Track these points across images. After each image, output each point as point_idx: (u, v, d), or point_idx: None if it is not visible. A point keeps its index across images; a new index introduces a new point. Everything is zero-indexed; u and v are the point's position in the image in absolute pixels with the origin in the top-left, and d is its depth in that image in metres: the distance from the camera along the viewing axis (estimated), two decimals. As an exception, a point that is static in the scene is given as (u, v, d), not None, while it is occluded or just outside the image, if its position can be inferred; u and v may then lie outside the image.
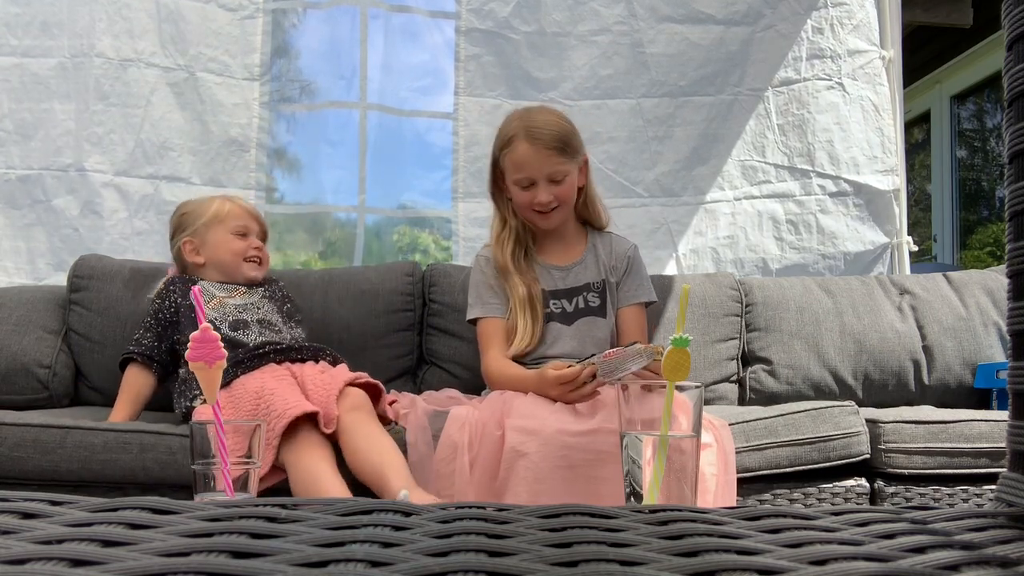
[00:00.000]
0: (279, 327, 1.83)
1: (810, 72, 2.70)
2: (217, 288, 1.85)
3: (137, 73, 2.51)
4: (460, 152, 2.68)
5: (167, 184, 2.52)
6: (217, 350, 0.91)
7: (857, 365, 2.17)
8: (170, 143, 2.53)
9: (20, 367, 1.98)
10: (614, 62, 2.69)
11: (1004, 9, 0.52)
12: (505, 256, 1.69)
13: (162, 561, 0.35)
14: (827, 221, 2.69)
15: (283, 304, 1.94)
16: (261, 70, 2.60)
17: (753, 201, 2.72)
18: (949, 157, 5.24)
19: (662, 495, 0.84)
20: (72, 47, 2.48)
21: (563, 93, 2.69)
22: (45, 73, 2.47)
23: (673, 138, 2.70)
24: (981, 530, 0.44)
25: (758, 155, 2.72)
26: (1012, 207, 0.51)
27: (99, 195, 2.47)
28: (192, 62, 2.54)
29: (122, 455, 1.50)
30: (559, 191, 1.65)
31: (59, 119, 2.47)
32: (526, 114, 1.68)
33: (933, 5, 4.40)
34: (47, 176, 2.46)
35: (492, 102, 2.68)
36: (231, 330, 1.75)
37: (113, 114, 2.49)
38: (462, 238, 2.68)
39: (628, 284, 1.76)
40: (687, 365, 0.87)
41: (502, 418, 1.42)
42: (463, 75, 2.68)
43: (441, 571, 0.35)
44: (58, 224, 2.47)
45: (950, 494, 1.70)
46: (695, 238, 2.72)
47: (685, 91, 2.70)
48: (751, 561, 0.37)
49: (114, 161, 2.49)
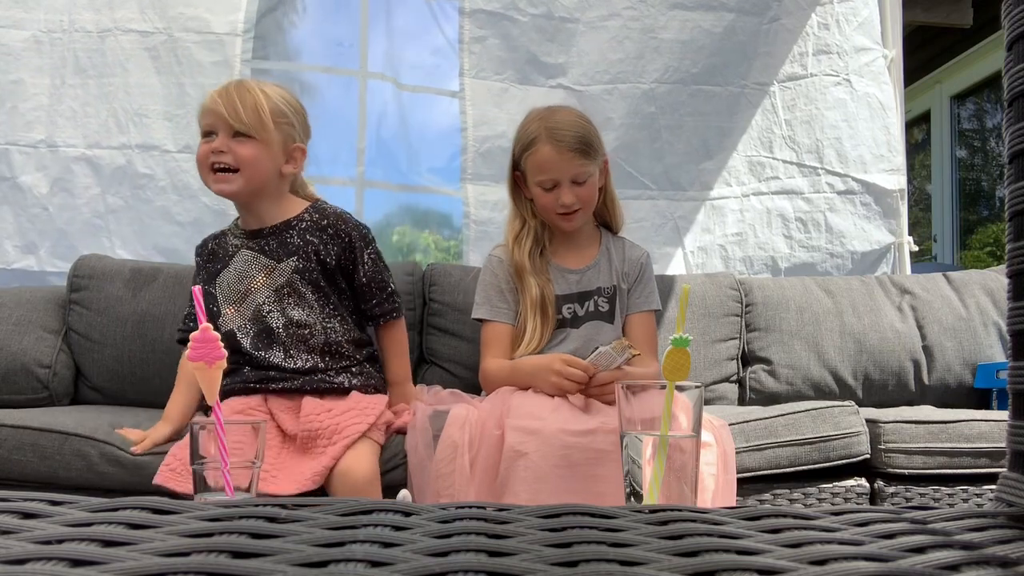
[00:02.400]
0: (313, 324, 1.56)
1: (817, 68, 2.68)
2: (243, 261, 1.57)
3: (114, 42, 2.40)
4: (469, 131, 2.59)
5: (140, 153, 2.40)
6: (217, 350, 0.90)
7: (857, 365, 2.17)
8: (144, 109, 2.41)
9: (20, 367, 1.98)
10: (624, 46, 2.64)
11: (1004, 9, 0.52)
12: (523, 255, 1.68)
13: (162, 561, 0.35)
14: (835, 220, 2.67)
15: (313, 271, 1.57)
16: (245, 27, 2.45)
17: (762, 198, 2.69)
18: (949, 157, 5.24)
19: (662, 495, 0.84)
20: (49, 21, 2.40)
21: (572, 79, 2.63)
22: (16, 45, 2.38)
23: (684, 128, 2.66)
24: (981, 530, 0.44)
25: (766, 151, 2.69)
26: (1012, 207, 0.51)
27: (70, 171, 2.38)
28: (171, 24, 2.42)
29: (118, 469, 1.50)
30: (582, 192, 1.64)
31: (30, 92, 2.39)
32: (547, 114, 1.67)
33: (933, 5, 4.40)
34: (14, 151, 2.37)
35: (499, 85, 2.61)
36: (253, 348, 1.54)
37: (90, 87, 2.40)
38: (473, 220, 2.57)
39: (639, 291, 1.75)
40: (687, 365, 0.87)
41: (502, 418, 1.42)
42: (468, 57, 2.60)
43: (441, 571, 0.35)
44: (25, 203, 2.37)
45: (950, 494, 1.70)
46: (703, 235, 2.69)
47: (696, 79, 2.65)
48: (751, 561, 0.37)
49: (86, 133, 2.38)
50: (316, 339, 1.57)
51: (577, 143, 1.61)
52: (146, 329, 2.04)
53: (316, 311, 1.58)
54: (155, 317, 2.05)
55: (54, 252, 2.40)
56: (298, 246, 1.58)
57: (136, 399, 2.02)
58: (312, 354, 1.57)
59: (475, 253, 2.56)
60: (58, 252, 2.40)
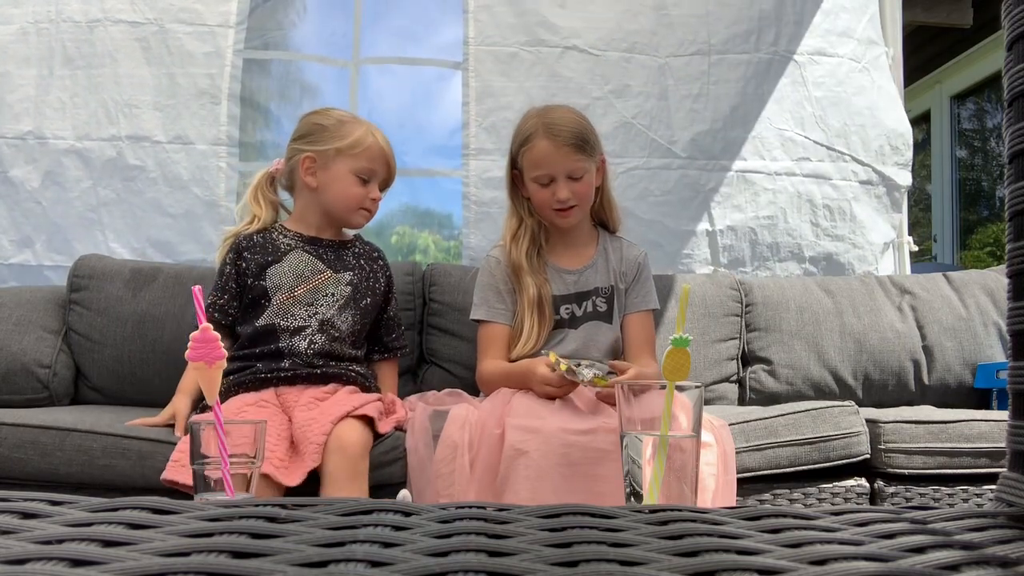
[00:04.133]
0: (337, 327, 1.66)
1: (843, 49, 2.62)
2: (300, 260, 1.66)
3: (103, 32, 2.38)
4: (471, 105, 2.48)
5: (129, 145, 2.38)
6: (217, 350, 0.91)
7: (857, 365, 2.17)
8: (134, 100, 2.39)
9: (20, 367, 1.98)
10: (639, 20, 2.56)
11: (1004, 9, 0.52)
12: (520, 254, 1.69)
13: (162, 561, 0.35)
14: (858, 210, 2.61)
15: (365, 291, 1.73)
16: (238, 18, 2.43)
17: (793, 179, 2.59)
18: (949, 157, 5.24)
19: (662, 495, 0.84)
20: (36, 13, 2.39)
21: (588, 42, 2.52)
22: (4, 39, 2.37)
23: (709, 96, 2.55)
24: (981, 530, 0.44)
25: (798, 127, 2.60)
26: (1012, 207, 0.51)
27: (60, 164, 2.36)
28: (161, 15, 2.40)
29: (121, 461, 1.50)
30: (578, 188, 1.65)
31: (17, 84, 2.37)
32: (544, 111, 1.68)
33: (933, 5, 4.40)
34: (2, 144, 2.36)
35: (508, 51, 2.49)
36: (288, 338, 1.61)
37: (78, 77, 2.38)
38: (473, 201, 2.47)
39: (636, 291, 1.76)
40: (687, 365, 0.87)
41: (502, 417, 1.42)
42: (474, 25, 2.49)
43: (441, 571, 0.35)
44: (18, 197, 2.37)
45: (950, 494, 1.70)
46: (733, 213, 2.58)
47: (718, 49, 2.55)
48: (751, 561, 0.37)
49: (75, 125, 2.37)
50: (340, 344, 1.67)
51: (573, 138, 1.62)
52: (146, 329, 2.05)
53: (353, 325, 1.70)
54: (155, 317, 2.05)
55: (50, 246, 2.40)
56: (354, 265, 1.74)
57: (136, 399, 2.02)
58: (329, 356, 1.65)
59: (476, 236, 2.48)
60: (54, 246, 2.40)
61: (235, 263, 1.67)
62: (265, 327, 1.63)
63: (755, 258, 2.60)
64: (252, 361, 1.61)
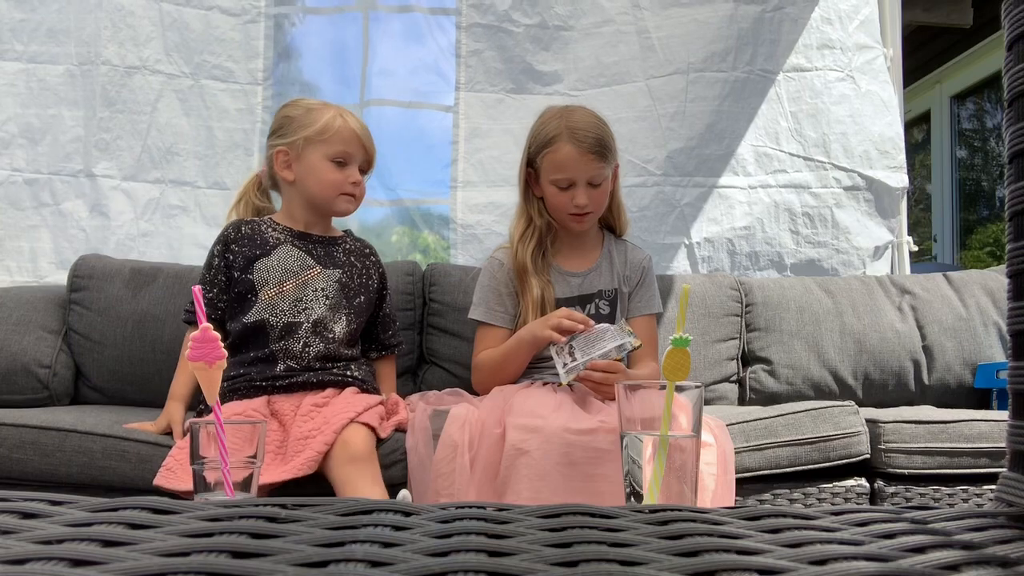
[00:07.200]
0: (331, 328, 1.63)
1: (821, 62, 2.67)
2: (288, 255, 1.63)
3: (142, 80, 2.54)
4: (460, 143, 2.67)
5: (172, 188, 2.57)
6: (217, 350, 0.90)
7: (857, 365, 2.17)
8: (176, 148, 2.57)
9: (20, 367, 1.98)
10: (619, 49, 2.65)
11: (1004, 9, 0.52)
12: (526, 255, 1.68)
13: (162, 561, 0.35)
14: (842, 215, 2.65)
15: (358, 288, 1.70)
16: (264, 75, 2.63)
17: (769, 191, 2.66)
18: (949, 157, 5.24)
19: (662, 495, 0.84)
20: (79, 54, 2.51)
21: (568, 85, 2.65)
22: (53, 80, 2.50)
23: (686, 114, 2.63)
24: (981, 530, 0.44)
25: (772, 142, 2.67)
26: (1012, 207, 0.51)
27: (107, 197, 2.51)
28: (197, 69, 2.58)
29: (121, 463, 1.49)
30: (596, 195, 1.65)
31: (67, 125, 2.51)
32: (566, 113, 1.66)
33: (933, 5, 4.40)
34: (56, 180, 2.50)
35: (494, 96, 2.67)
36: (278, 338, 1.58)
37: (120, 120, 2.53)
38: (459, 225, 2.64)
39: (640, 294, 1.75)
40: (687, 365, 0.87)
41: (502, 416, 1.42)
42: (464, 71, 2.67)
43: (441, 571, 0.35)
44: (65, 226, 2.50)
45: (950, 494, 1.70)
46: (710, 226, 2.65)
47: (696, 67, 2.63)
48: (751, 561, 0.37)
49: (122, 166, 2.53)
50: (337, 346, 1.63)
51: (597, 145, 1.61)
52: (146, 329, 2.05)
53: (348, 325, 1.66)
54: (155, 317, 2.05)
55: None
56: (344, 262, 1.71)
57: (136, 399, 2.02)
58: (326, 359, 1.62)
59: (463, 256, 2.61)
60: None
61: (223, 255, 1.65)
62: (255, 323, 1.58)
63: (735, 267, 2.65)
64: (245, 367, 1.57)
